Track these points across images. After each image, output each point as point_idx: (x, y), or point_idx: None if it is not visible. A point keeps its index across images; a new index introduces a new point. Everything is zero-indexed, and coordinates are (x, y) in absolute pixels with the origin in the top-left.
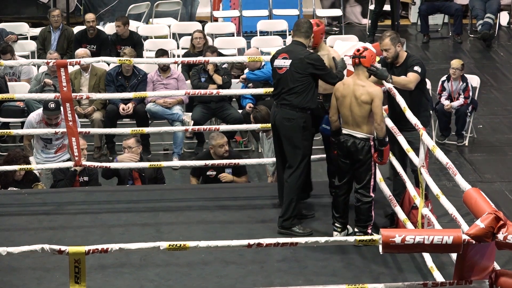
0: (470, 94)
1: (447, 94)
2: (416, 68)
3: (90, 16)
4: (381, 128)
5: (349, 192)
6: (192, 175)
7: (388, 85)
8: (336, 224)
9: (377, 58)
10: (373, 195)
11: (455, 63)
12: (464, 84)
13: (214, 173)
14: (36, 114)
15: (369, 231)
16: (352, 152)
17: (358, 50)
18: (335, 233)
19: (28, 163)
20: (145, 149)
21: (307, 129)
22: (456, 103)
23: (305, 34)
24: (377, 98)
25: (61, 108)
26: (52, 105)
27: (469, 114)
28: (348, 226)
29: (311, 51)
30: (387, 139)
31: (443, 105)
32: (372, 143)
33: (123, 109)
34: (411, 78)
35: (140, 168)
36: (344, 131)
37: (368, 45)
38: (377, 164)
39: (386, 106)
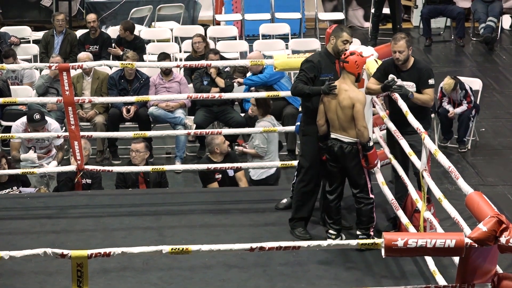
0: (472, 98)
1: (448, 99)
2: (430, 81)
3: (91, 17)
4: (361, 133)
5: (341, 196)
6: (209, 183)
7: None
8: (330, 231)
9: (379, 61)
10: (373, 196)
11: (446, 85)
12: (464, 91)
13: (220, 176)
14: (20, 123)
15: (371, 233)
16: (339, 157)
17: (344, 54)
18: (329, 240)
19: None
20: None
21: (305, 135)
22: (459, 110)
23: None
24: (358, 103)
25: (45, 117)
26: (37, 116)
27: (472, 119)
28: (342, 234)
29: (309, 58)
30: (371, 144)
31: (445, 109)
32: (359, 146)
33: (127, 111)
34: (431, 96)
35: (145, 173)
36: (332, 135)
37: (370, 48)
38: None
39: (387, 110)
